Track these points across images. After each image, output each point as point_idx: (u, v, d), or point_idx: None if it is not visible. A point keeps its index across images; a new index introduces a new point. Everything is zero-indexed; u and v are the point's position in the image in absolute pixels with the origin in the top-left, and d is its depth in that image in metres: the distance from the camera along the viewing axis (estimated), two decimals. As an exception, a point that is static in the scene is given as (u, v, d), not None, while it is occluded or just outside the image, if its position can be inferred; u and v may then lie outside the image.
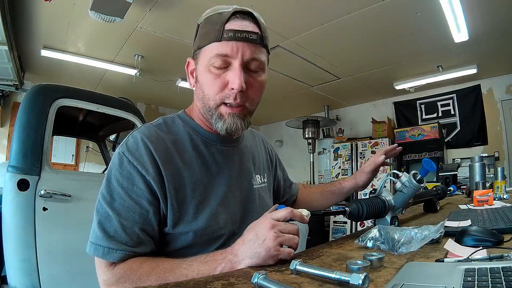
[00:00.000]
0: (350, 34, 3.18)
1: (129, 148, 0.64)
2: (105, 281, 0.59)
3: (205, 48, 0.65)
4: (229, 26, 0.62)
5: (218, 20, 0.63)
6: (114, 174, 0.63)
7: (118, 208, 0.61)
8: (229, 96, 0.65)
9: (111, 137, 3.30)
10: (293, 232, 0.57)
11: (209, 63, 0.64)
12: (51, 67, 3.84)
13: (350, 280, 0.41)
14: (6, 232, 1.57)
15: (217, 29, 0.62)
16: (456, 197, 1.93)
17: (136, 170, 0.62)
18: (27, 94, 1.74)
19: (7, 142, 4.01)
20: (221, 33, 0.61)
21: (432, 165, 0.87)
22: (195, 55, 0.69)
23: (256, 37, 0.64)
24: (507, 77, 4.04)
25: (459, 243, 0.64)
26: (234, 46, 0.62)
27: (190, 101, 0.82)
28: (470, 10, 2.62)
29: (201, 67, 0.67)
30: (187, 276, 0.54)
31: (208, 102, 0.67)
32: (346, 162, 4.67)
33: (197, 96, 0.71)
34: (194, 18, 0.73)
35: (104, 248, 0.59)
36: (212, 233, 0.67)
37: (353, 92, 4.87)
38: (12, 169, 1.59)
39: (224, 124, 0.67)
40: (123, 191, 0.61)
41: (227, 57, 0.63)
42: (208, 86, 0.66)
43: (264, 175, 0.87)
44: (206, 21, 0.66)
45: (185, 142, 0.71)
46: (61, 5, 2.63)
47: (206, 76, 0.65)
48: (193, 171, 0.68)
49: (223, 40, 0.61)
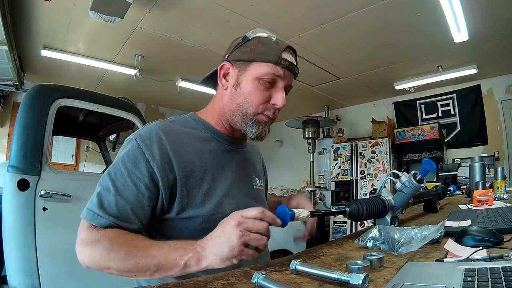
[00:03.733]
0: (350, 34, 3.18)
1: (141, 135, 0.70)
2: (82, 240, 0.63)
3: (261, 63, 0.74)
4: (285, 56, 0.75)
5: (275, 47, 0.75)
6: (122, 155, 0.69)
7: (118, 185, 0.66)
8: (270, 109, 0.76)
9: (111, 137, 3.30)
10: (262, 231, 0.55)
11: (261, 77, 0.74)
12: (51, 67, 3.84)
13: (350, 280, 0.41)
14: (6, 232, 1.57)
15: (275, 55, 0.73)
16: (456, 197, 1.93)
17: (143, 155, 0.67)
18: (27, 94, 1.74)
19: (7, 142, 4.01)
20: (279, 60, 0.73)
21: (432, 165, 0.87)
22: (241, 64, 0.77)
23: (297, 72, 0.79)
24: (507, 77, 4.04)
25: (459, 243, 0.64)
26: (286, 73, 0.75)
27: (190, 101, 0.85)
28: (470, 10, 2.62)
29: (249, 77, 0.75)
30: (154, 257, 0.57)
31: (247, 108, 0.75)
32: (346, 162, 4.67)
33: (232, 99, 0.77)
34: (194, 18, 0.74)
35: (94, 213, 0.63)
36: (218, 221, 0.69)
37: (353, 92, 4.87)
38: (12, 169, 1.59)
39: (258, 130, 0.77)
40: (126, 171, 0.67)
41: (278, 78, 0.75)
42: (254, 95, 0.75)
43: (261, 180, 0.94)
44: (260, 41, 0.77)
45: (198, 135, 0.78)
46: (61, 5, 2.63)
47: (254, 86, 0.75)
48: (203, 161, 0.74)
49: (280, 65, 0.73)
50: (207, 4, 2.64)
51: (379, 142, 4.40)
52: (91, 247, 0.61)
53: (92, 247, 0.61)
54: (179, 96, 4.74)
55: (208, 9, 2.71)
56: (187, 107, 5.30)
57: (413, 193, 0.86)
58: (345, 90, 4.76)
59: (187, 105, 5.23)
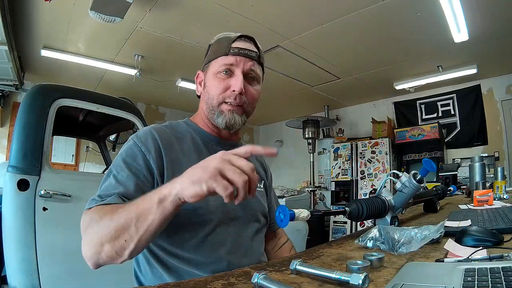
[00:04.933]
0: (350, 34, 3.18)
1: (138, 135, 0.77)
2: (81, 226, 0.62)
3: (215, 60, 0.81)
4: (236, 45, 0.79)
5: (226, 41, 0.80)
6: (121, 153, 0.75)
7: (119, 178, 0.69)
8: (230, 96, 0.79)
9: (111, 137, 3.30)
10: (244, 168, 0.51)
11: (217, 71, 0.80)
12: (51, 67, 3.84)
13: (350, 280, 0.41)
14: (6, 232, 1.57)
15: (225, 46, 0.79)
16: (456, 197, 1.93)
17: (140, 150, 0.73)
18: (27, 94, 1.74)
19: (7, 142, 4.01)
20: (229, 49, 0.78)
21: (432, 165, 0.87)
22: (205, 67, 0.85)
23: (255, 55, 0.81)
24: (507, 77, 4.04)
25: (459, 243, 0.64)
26: (238, 59, 0.79)
27: (189, 101, 0.87)
28: (470, 10, 2.62)
29: (209, 75, 0.82)
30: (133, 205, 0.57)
31: (212, 102, 0.80)
32: (346, 162, 4.67)
33: (203, 99, 0.85)
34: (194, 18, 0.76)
35: (93, 200, 0.65)
36: (201, 215, 0.73)
37: (353, 92, 4.87)
38: (12, 169, 1.59)
39: (224, 118, 0.79)
40: (125, 165, 0.71)
41: (231, 66, 0.79)
42: (214, 88, 0.80)
43: (261, 182, 0.93)
44: (216, 42, 0.84)
45: (186, 138, 0.82)
46: (61, 5, 2.63)
47: (213, 81, 0.81)
48: (189, 159, 0.77)
49: (229, 55, 0.78)
50: (207, 4, 2.64)
51: (379, 142, 4.40)
52: (85, 232, 0.60)
53: (85, 232, 0.60)
54: (179, 96, 4.73)
55: (208, 9, 2.71)
56: (187, 107, 5.32)
57: (413, 193, 0.86)
58: (345, 90, 4.76)
59: (187, 105, 5.23)
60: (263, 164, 1.01)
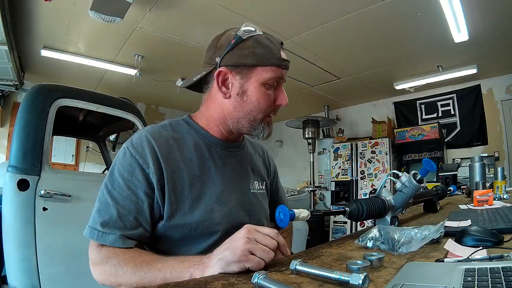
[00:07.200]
0: (350, 34, 3.18)
1: (133, 143, 0.71)
2: (91, 260, 0.66)
3: (264, 68, 0.72)
4: (283, 55, 0.75)
5: (272, 47, 0.73)
6: (117, 166, 0.70)
7: (116, 196, 0.67)
8: (275, 109, 0.78)
9: (111, 137, 3.30)
10: (270, 245, 0.54)
11: (266, 82, 0.73)
12: (51, 67, 3.84)
13: (350, 280, 0.41)
14: (6, 232, 1.57)
15: (277, 56, 0.73)
16: (456, 197, 1.93)
17: (137, 163, 0.68)
18: (27, 94, 1.74)
19: (7, 142, 4.01)
20: (280, 61, 0.73)
21: (432, 165, 0.87)
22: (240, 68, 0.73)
23: None
24: (507, 77, 4.04)
25: (459, 243, 0.64)
26: (284, 73, 0.76)
27: (189, 101, 0.84)
28: (470, 10, 2.62)
29: (255, 83, 0.73)
30: (160, 271, 0.58)
31: (256, 114, 0.75)
32: (346, 162, 4.67)
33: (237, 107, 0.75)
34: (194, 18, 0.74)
35: (98, 232, 0.64)
36: (207, 228, 0.71)
37: (353, 92, 4.86)
38: (12, 169, 1.58)
39: (267, 131, 0.78)
40: (123, 181, 0.67)
41: (280, 79, 0.75)
42: (263, 101, 0.74)
43: (262, 183, 0.90)
44: (256, 42, 0.72)
45: (187, 141, 0.76)
46: (61, 5, 2.63)
47: (261, 92, 0.74)
48: (191, 168, 0.73)
49: (280, 67, 0.74)
50: (207, 4, 2.64)
51: (379, 142, 4.40)
52: (101, 266, 0.64)
53: (101, 266, 0.64)
54: (179, 96, 4.74)
55: (208, 9, 2.71)
56: (187, 107, 5.30)
57: (413, 193, 0.86)
58: (345, 90, 4.76)
59: (187, 105, 5.23)
60: (265, 160, 0.97)
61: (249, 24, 0.75)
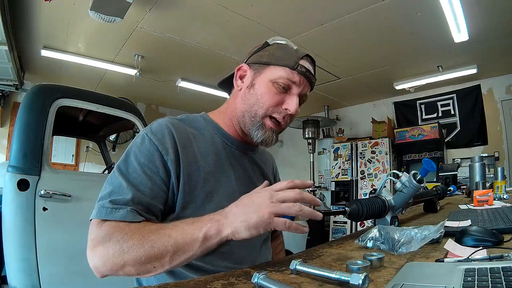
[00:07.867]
0: (350, 34, 3.18)
1: (153, 130, 0.70)
2: (91, 241, 0.58)
3: (277, 67, 0.74)
4: (303, 63, 0.74)
5: (293, 53, 0.75)
6: (133, 150, 0.67)
7: (131, 180, 0.63)
8: (280, 113, 0.75)
9: (111, 137, 3.30)
10: (293, 199, 0.54)
11: (276, 80, 0.73)
12: (51, 67, 3.84)
13: (350, 280, 0.41)
14: (6, 232, 1.57)
15: (293, 60, 0.73)
16: (456, 197, 1.93)
17: (156, 149, 0.67)
18: (27, 94, 1.74)
19: (7, 142, 4.01)
20: (297, 65, 0.73)
21: (432, 165, 0.87)
22: (258, 66, 0.77)
23: (314, 81, 0.78)
24: (507, 77, 4.04)
25: (459, 243, 0.64)
26: (302, 80, 0.74)
27: (189, 101, 0.84)
28: (470, 10, 2.62)
29: (264, 79, 0.75)
30: (170, 236, 0.54)
31: (257, 109, 0.74)
32: (346, 162, 4.67)
33: (244, 99, 0.77)
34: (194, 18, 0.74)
35: (107, 208, 0.59)
36: None
37: (353, 92, 4.87)
38: (12, 169, 1.58)
39: (263, 135, 0.75)
40: (139, 166, 0.65)
41: (293, 84, 0.74)
42: (266, 97, 0.74)
43: None
44: (279, 46, 0.77)
45: (205, 137, 0.77)
46: (61, 5, 2.63)
47: (267, 89, 0.74)
48: (207, 163, 0.73)
49: (296, 70, 0.73)
50: (207, 4, 2.64)
51: (379, 142, 4.40)
52: (102, 246, 0.56)
53: (102, 246, 0.56)
54: (179, 96, 4.73)
55: (208, 9, 2.71)
56: (187, 107, 5.32)
57: (413, 193, 0.86)
58: (345, 90, 4.76)
59: (187, 105, 5.23)
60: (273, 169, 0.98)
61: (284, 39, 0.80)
